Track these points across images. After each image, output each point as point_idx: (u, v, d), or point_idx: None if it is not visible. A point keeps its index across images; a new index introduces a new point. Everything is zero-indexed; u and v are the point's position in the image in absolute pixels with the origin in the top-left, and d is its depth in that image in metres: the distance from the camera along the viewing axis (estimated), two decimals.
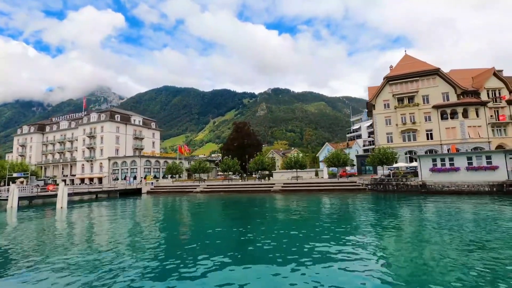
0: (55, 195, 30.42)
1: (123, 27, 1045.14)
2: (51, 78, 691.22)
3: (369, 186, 35.54)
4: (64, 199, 28.59)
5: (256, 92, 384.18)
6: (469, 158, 28.82)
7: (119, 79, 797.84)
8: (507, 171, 26.89)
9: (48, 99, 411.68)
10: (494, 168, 27.32)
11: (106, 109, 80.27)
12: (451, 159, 29.80)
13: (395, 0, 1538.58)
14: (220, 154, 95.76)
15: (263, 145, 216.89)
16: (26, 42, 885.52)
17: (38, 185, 47.55)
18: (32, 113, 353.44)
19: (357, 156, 57.35)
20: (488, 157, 28.00)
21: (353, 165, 58.34)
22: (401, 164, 41.09)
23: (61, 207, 27.79)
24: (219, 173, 74.28)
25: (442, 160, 30.28)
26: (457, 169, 29.03)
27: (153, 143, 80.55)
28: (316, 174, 52.99)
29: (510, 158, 27.37)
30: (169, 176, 58.22)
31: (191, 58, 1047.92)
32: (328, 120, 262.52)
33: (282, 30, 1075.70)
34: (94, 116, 70.06)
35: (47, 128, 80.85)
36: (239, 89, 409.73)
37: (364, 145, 70.49)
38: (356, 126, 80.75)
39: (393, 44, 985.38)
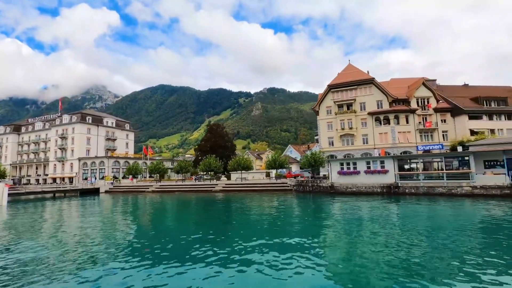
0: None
1: (118, 26, 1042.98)
2: (45, 76, 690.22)
3: (294, 187, 38.81)
4: (4, 198, 31.82)
5: (252, 92, 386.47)
6: (368, 163, 32.03)
7: (114, 78, 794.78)
8: (395, 174, 30.15)
9: (43, 97, 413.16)
10: (385, 172, 30.56)
11: (77, 111, 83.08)
12: (354, 163, 33.02)
13: (390, 1, 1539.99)
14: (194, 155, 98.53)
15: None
16: (17, 39, 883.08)
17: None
18: (26, 111, 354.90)
19: None
20: (382, 162, 31.21)
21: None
22: None
23: (0, 205, 31.04)
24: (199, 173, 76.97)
25: (348, 164, 33.50)
26: (358, 173, 32.25)
27: (127, 144, 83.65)
28: (268, 175, 56.26)
29: (398, 163, 30.65)
30: (140, 176, 61.46)
31: (187, 57, 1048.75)
32: None
33: (278, 30, 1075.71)
34: (66, 118, 73.22)
35: (23, 129, 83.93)
36: (235, 89, 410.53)
37: None
38: None
39: (389, 45, 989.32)
